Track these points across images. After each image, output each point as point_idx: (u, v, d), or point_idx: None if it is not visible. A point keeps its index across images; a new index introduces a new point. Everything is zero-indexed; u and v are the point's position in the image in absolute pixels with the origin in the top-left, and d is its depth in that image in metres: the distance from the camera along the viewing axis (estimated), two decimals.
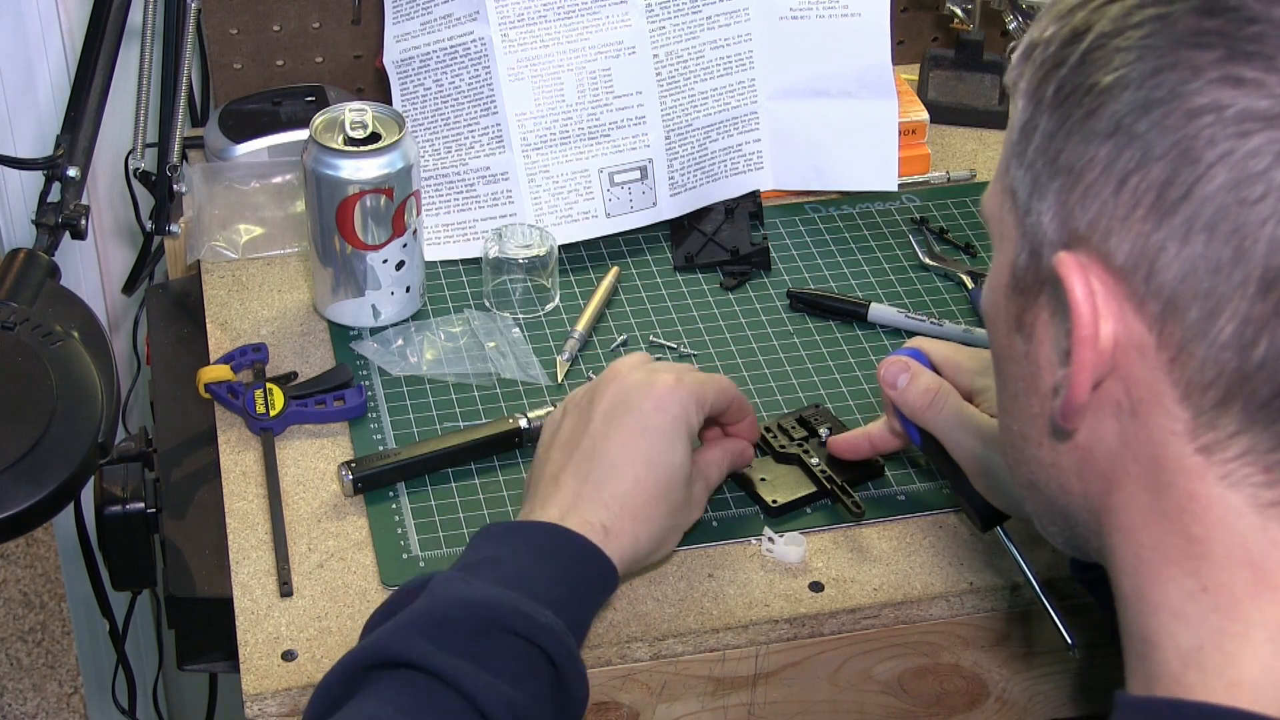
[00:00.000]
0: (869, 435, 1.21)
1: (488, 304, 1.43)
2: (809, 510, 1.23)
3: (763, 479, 1.24)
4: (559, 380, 1.35)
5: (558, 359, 1.36)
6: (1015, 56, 0.79)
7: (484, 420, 1.31)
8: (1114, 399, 0.73)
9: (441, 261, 1.47)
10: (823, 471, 1.24)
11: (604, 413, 1.10)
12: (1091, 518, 0.78)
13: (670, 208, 1.51)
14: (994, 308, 0.81)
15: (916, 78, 1.70)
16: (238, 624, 1.14)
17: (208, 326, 1.41)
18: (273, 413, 1.29)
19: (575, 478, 1.08)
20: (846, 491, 1.22)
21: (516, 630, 0.97)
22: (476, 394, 1.34)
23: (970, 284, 1.45)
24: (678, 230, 1.51)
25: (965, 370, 1.14)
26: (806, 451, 1.26)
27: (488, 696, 0.94)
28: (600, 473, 1.08)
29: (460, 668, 0.95)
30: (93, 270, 1.74)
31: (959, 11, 1.68)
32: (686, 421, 1.11)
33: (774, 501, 1.23)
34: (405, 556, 1.19)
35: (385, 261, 1.36)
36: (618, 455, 1.08)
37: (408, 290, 1.39)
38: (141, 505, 1.26)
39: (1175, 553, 0.73)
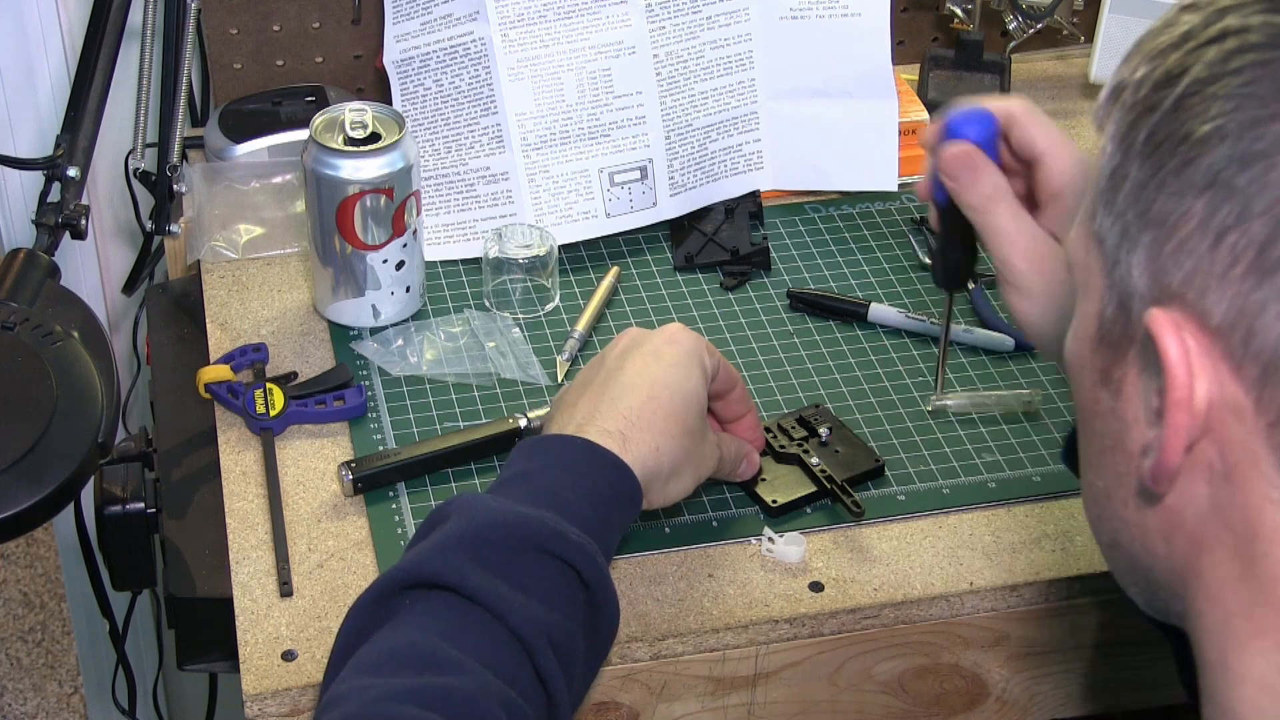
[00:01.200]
0: None
1: (488, 304, 1.43)
2: (809, 510, 1.23)
3: (763, 479, 1.24)
4: (559, 380, 1.35)
5: (558, 359, 1.36)
6: (1102, 96, 0.75)
7: (484, 420, 1.31)
8: (1207, 462, 0.70)
9: (441, 261, 1.47)
10: (823, 471, 1.24)
11: (618, 354, 1.12)
12: (1176, 581, 0.75)
13: (670, 208, 1.51)
14: (1078, 359, 0.77)
15: (916, 78, 1.70)
16: (238, 624, 1.14)
17: (208, 326, 1.41)
18: (273, 413, 1.29)
19: (590, 400, 1.09)
20: (846, 491, 1.22)
21: (550, 549, 0.98)
22: (476, 394, 1.34)
23: (970, 284, 1.45)
24: (678, 230, 1.51)
25: (1052, 170, 1.05)
26: (806, 451, 1.26)
27: (523, 618, 0.95)
28: (614, 391, 1.09)
29: (496, 588, 0.95)
30: (93, 270, 1.74)
31: (959, 11, 1.68)
32: (699, 356, 1.12)
33: (774, 501, 1.23)
34: None
35: (385, 261, 1.36)
36: (632, 377, 1.10)
37: (408, 290, 1.39)
38: (141, 505, 1.26)
39: (1266, 623, 0.69)
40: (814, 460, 1.25)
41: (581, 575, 0.99)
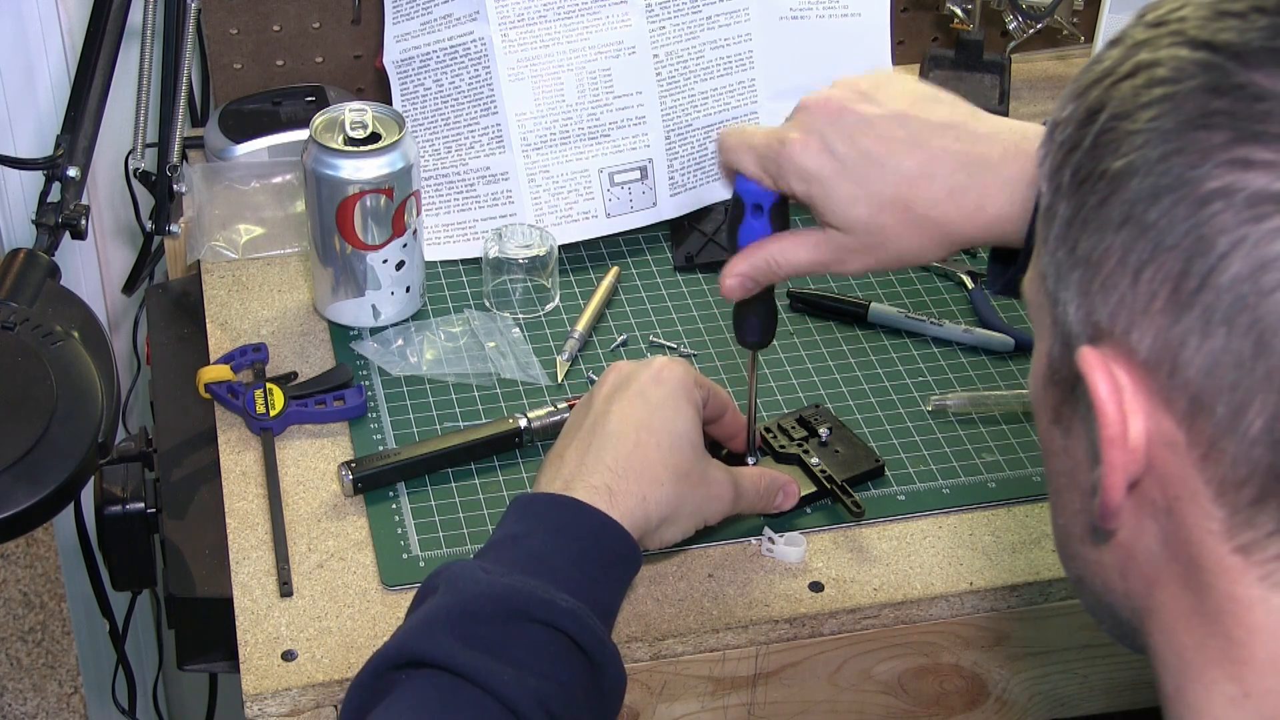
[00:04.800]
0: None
1: (488, 304, 1.43)
2: (809, 510, 1.23)
3: None
4: (559, 380, 1.35)
5: (558, 359, 1.36)
6: (1043, 137, 0.76)
7: (484, 420, 1.31)
8: (1151, 499, 0.70)
9: (441, 261, 1.47)
10: (823, 471, 1.24)
11: (604, 396, 1.11)
12: (1135, 616, 0.75)
13: (670, 208, 1.51)
14: (1036, 397, 0.77)
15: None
16: (238, 624, 1.14)
17: (208, 326, 1.41)
18: (273, 413, 1.29)
19: (577, 452, 1.08)
20: (846, 491, 1.22)
21: (540, 618, 0.97)
22: (476, 394, 1.34)
23: (970, 284, 1.45)
24: (678, 230, 1.51)
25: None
26: (806, 451, 1.26)
27: (515, 692, 0.94)
28: (600, 441, 1.08)
29: (486, 665, 0.94)
30: (93, 270, 1.74)
31: (959, 11, 1.68)
32: (686, 391, 1.10)
33: None
34: (405, 556, 1.19)
35: (385, 261, 1.36)
36: (618, 424, 1.08)
37: (408, 290, 1.39)
38: (141, 505, 1.26)
39: (1217, 654, 0.69)
40: (814, 460, 1.25)
41: (576, 641, 0.97)
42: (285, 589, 1.16)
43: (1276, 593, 0.67)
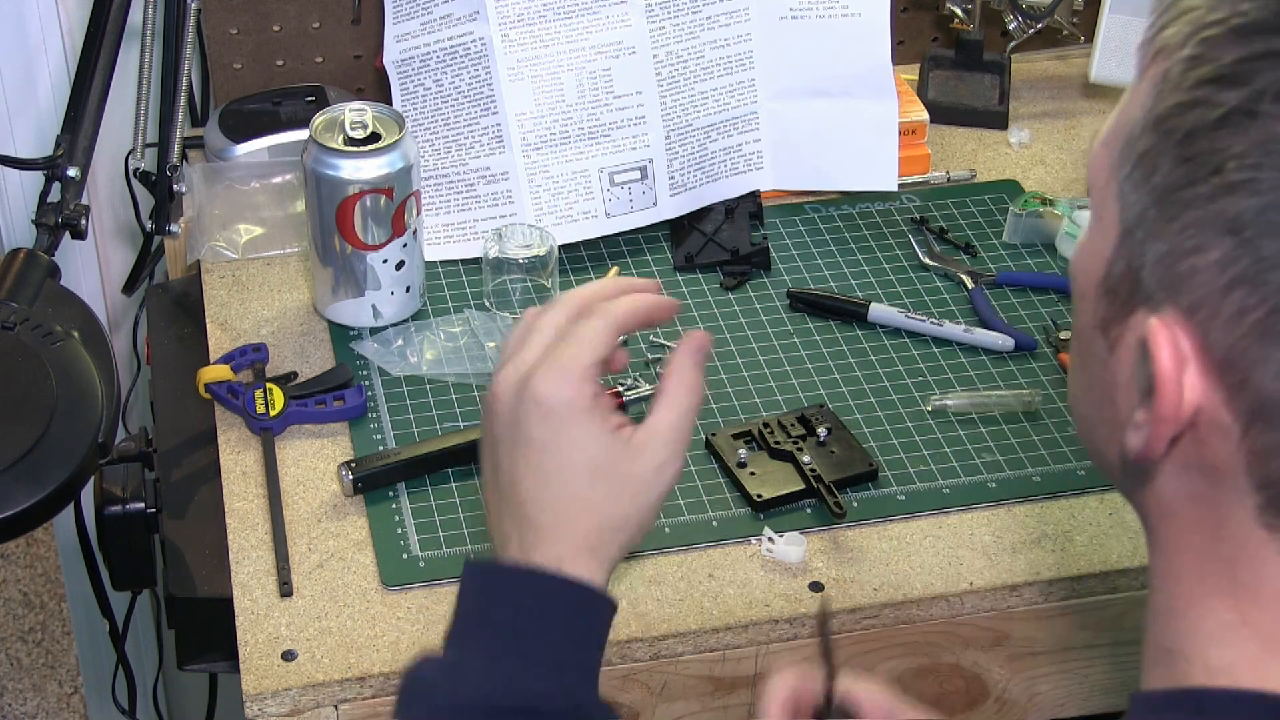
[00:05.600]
0: None
1: (488, 304, 1.43)
2: (808, 510, 1.23)
3: (753, 473, 1.25)
4: None
5: None
6: (1146, 35, 0.73)
7: None
8: (1187, 457, 0.71)
9: (441, 261, 1.47)
10: (812, 471, 1.24)
11: (505, 452, 0.98)
12: (1140, 514, 0.77)
13: (670, 208, 1.51)
14: (1082, 289, 0.77)
15: (916, 78, 1.70)
16: (238, 624, 1.14)
17: (208, 326, 1.41)
18: (273, 413, 1.29)
19: (513, 521, 0.98)
20: (831, 491, 1.22)
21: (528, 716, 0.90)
22: (476, 394, 1.34)
23: (970, 284, 1.45)
24: (678, 230, 1.51)
25: None
26: (800, 449, 1.26)
27: None
28: (529, 510, 0.97)
29: None
30: (93, 270, 1.74)
31: (959, 11, 1.68)
32: (576, 409, 0.97)
33: (759, 496, 1.23)
34: (405, 556, 1.19)
35: (385, 261, 1.36)
36: (531, 487, 0.97)
37: (408, 290, 1.39)
38: (141, 505, 1.26)
39: (1217, 588, 0.72)
40: (805, 459, 1.25)
41: None
42: (285, 589, 1.16)
43: None
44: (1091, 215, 0.76)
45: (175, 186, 1.46)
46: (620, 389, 1.31)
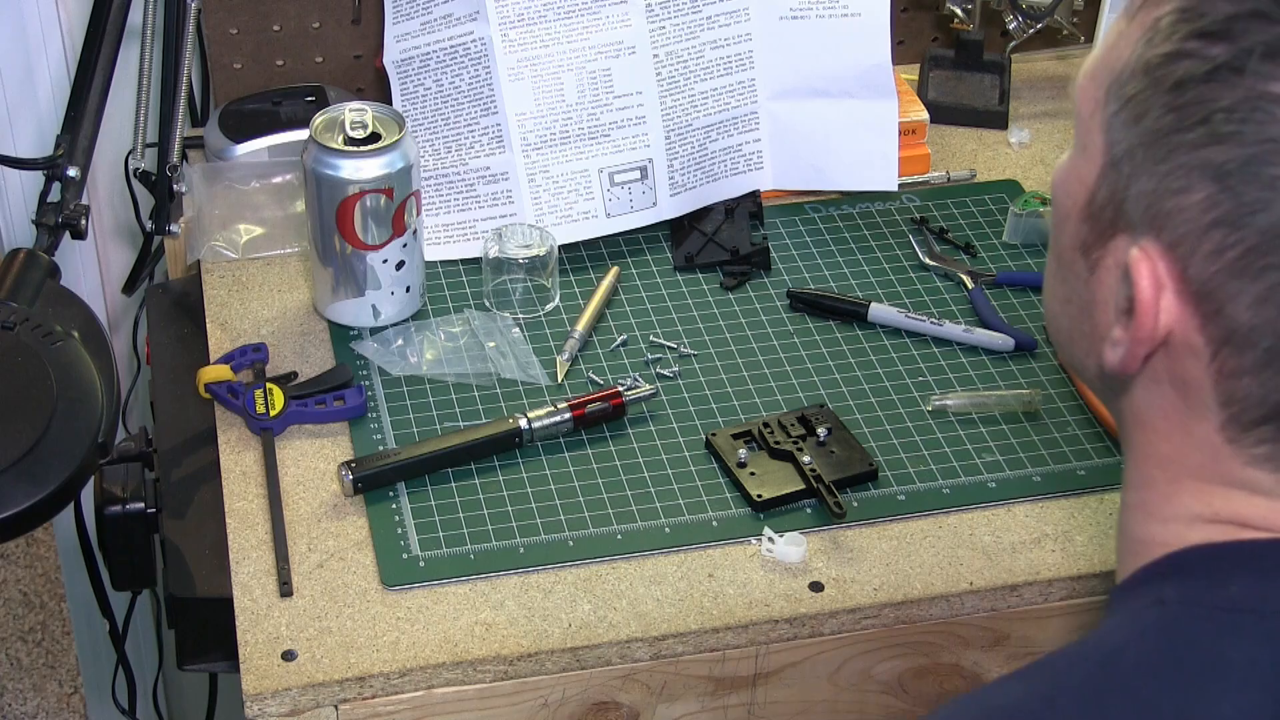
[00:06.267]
0: None
1: (488, 304, 1.43)
2: (808, 510, 1.23)
3: (752, 473, 1.25)
4: (559, 380, 1.35)
5: (558, 359, 1.36)
6: None
7: (484, 420, 1.31)
8: (1159, 372, 0.78)
9: (441, 261, 1.47)
10: (812, 470, 1.24)
11: None
12: (1117, 421, 0.83)
13: (670, 208, 1.51)
14: (1063, 212, 0.82)
15: (916, 78, 1.70)
16: (238, 624, 1.14)
17: (208, 326, 1.41)
18: (273, 413, 1.29)
19: None
20: (831, 491, 1.22)
21: None
22: (476, 394, 1.34)
23: (970, 284, 1.45)
24: (678, 230, 1.51)
25: None
26: (800, 449, 1.26)
27: None
28: None
29: None
30: (93, 270, 1.74)
31: (959, 11, 1.68)
32: None
33: (759, 496, 1.23)
34: (405, 556, 1.19)
35: (385, 261, 1.36)
36: None
37: (408, 290, 1.39)
38: (141, 505, 1.26)
39: (1188, 488, 0.78)
40: (806, 459, 1.25)
41: None
42: (285, 589, 1.16)
43: (1255, 468, 0.76)
44: (1076, 141, 0.82)
45: (175, 186, 1.45)
46: (620, 389, 1.31)
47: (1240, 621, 0.74)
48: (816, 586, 1.17)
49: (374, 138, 1.33)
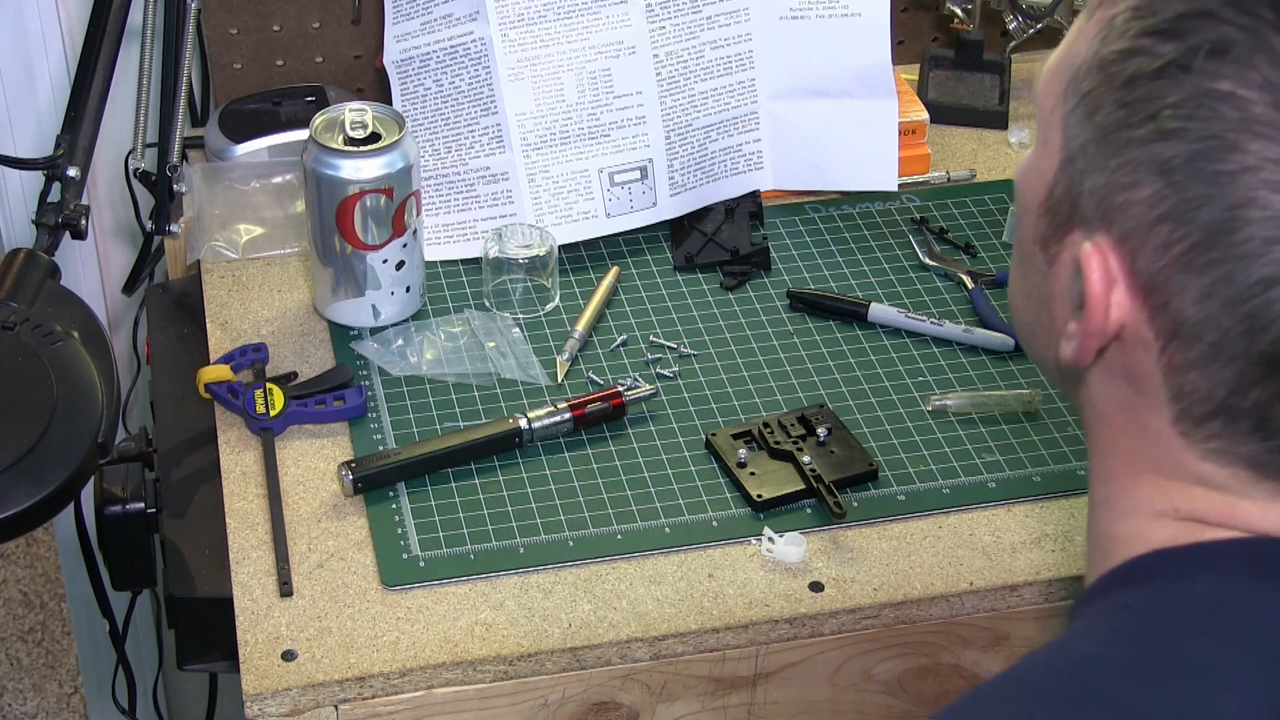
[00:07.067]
0: None
1: (488, 304, 1.43)
2: (808, 510, 1.23)
3: (753, 473, 1.25)
4: (559, 380, 1.35)
5: (558, 359, 1.36)
6: None
7: (484, 420, 1.31)
8: (1112, 366, 0.79)
9: (441, 261, 1.47)
10: (812, 471, 1.24)
11: None
12: (1080, 415, 0.85)
13: (670, 208, 1.51)
14: (1025, 204, 0.83)
15: (916, 78, 1.70)
16: (238, 624, 1.14)
17: (208, 326, 1.41)
18: (273, 413, 1.29)
19: None
20: (831, 491, 1.22)
21: None
22: (476, 394, 1.34)
23: (970, 284, 1.45)
24: (678, 230, 1.51)
25: None
26: (800, 449, 1.26)
27: None
28: None
29: None
30: (93, 270, 1.74)
31: (959, 11, 1.68)
32: None
33: (759, 496, 1.23)
34: (405, 556, 1.19)
35: (385, 261, 1.36)
36: None
37: (408, 290, 1.39)
38: (141, 505, 1.26)
39: (1147, 481, 0.80)
40: (806, 459, 1.25)
41: None
42: (285, 589, 1.16)
43: (1209, 462, 0.77)
44: (1038, 137, 0.83)
45: (175, 186, 1.45)
46: (620, 389, 1.31)
47: (1206, 621, 0.75)
48: (816, 586, 1.17)
49: (374, 138, 1.33)
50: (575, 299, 1.44)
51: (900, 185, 1.56)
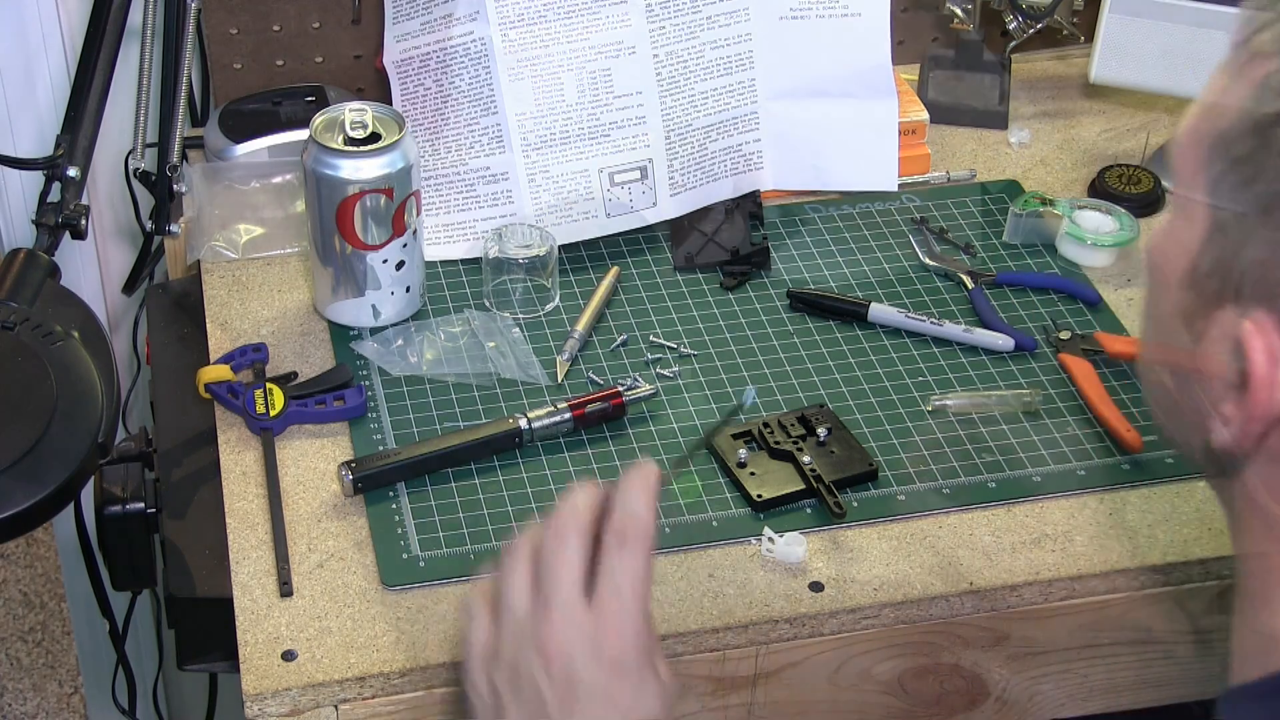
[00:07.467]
0: None
1: (488, 304, 1.43)
2: (808, 510, 1.23)
3: (753, 473, 1.25)
4: (559, 380, 1.35)
5: (558, 359, 1.36)
6: (1245, 35, 0.74)
7: (484, 420, 1.31)
8: (1275, 449, 0.73)
9: (441, 261, 1.47)
10: (812, 471, 1.24)
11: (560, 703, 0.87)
12: (1222, 500, 0.78)
13: (670, 208, 1.51)
14: (1167, 267, 0.77)
15: (916, 78, 1.70)
16: (238, 624, 1.14)
17: (208, 326, 1.41)
18: (273, 413, 1.29)
19: None
20: (831, 491, 1.22)
21: None
22: (476, 394, 1.34)
23: (970, 284, 1.45)
24: (678, 230, 1.51)
25: None
26: (800, 449, 1.26)
27: None
28: None
29: None
30: (93, 270, 1.74)
31: (959, 11, 1.68)
32: (649, 657, 0.88)
33: (759, 496, 1.23)
34: (405, 556, 1.19)
35: (385, 261, 1.36)
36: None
37: (408, 290, 1.39)
38: (141, 505, 1.26)
39: None
40: (805, 459, 1.25)
41: None
42: (285, 589, 1.16)
43: None
44: (1175, 206, 0.77)
45: (175, 186, 1.45)
46: (620, 389, 1.31)
47: None
48: (816, 586, 1.17)
49: (374, 138, 1.33)
50: (575, 299, 1.44)
51: (900, 185, 1.56)
